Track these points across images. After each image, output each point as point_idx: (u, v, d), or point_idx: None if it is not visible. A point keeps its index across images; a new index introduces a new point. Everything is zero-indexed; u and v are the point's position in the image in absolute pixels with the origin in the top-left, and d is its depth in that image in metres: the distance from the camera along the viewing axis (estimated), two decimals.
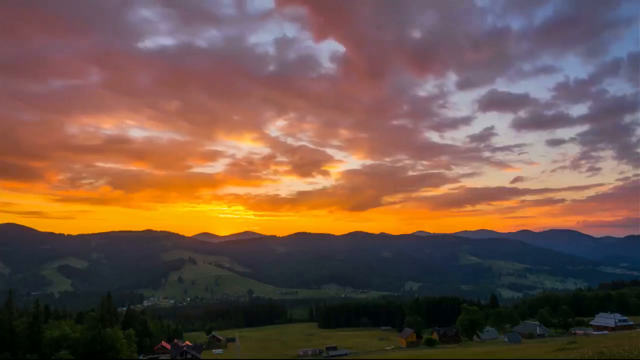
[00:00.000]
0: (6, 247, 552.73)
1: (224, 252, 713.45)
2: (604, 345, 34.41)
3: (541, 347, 51.69)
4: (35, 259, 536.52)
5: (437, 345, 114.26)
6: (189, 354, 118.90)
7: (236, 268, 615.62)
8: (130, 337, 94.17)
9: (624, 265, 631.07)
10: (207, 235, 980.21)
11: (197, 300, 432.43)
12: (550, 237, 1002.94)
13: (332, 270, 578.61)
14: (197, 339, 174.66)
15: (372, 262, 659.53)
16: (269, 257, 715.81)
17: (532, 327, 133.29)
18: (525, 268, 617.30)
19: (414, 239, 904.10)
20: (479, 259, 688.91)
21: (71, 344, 78.17)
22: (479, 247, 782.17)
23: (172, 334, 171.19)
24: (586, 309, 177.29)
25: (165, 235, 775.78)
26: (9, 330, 76.96)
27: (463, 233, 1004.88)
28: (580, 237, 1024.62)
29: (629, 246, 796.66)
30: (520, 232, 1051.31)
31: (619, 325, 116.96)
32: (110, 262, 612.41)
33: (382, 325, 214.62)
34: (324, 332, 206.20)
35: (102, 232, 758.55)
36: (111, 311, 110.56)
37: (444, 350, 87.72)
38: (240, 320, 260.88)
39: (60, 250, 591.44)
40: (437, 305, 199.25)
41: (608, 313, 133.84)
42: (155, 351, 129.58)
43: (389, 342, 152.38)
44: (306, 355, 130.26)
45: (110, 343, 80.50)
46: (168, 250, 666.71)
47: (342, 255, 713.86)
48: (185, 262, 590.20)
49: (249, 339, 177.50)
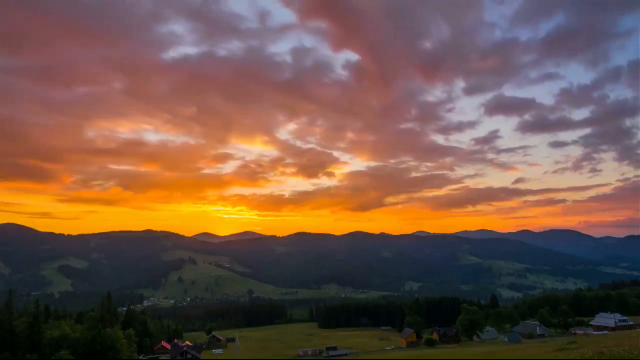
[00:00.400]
0: (6, 247, 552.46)
1: (224, 252, 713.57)
2: (604, 345, 34.41)
3: (541, 347, 51.67)
4: (35, 259, 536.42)
5: (437, 345, 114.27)
6: (189, 354, 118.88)
7: (236, 268, 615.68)
8: (130, 337, 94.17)
9: (624, 265, 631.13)
10: (207, 235, 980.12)
11: (197, 300, 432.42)
12: (550, 237, 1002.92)
13: (332, 270, 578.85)
14: (197, 339, 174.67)
15: (372, 262, 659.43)
16: (269, 257, 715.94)
17: (532, 327, 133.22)
18: (525, 268, 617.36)
19: (414, 239, 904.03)
20: (479, 259, 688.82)
21: (71, 344, 78.13)
22: (479, 247, 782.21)
23: (172, 334, 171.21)
24: (586, 309, 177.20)
25: (165, 235, 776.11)
26: (9, 330, 76.96)
27: (463, 233, 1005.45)
28: (580, 237, 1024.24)
29: (629, 246, 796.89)
30: (520, 232, 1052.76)
31: (619, 325, 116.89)
32: (110, 262, 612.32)
33: (382, 325, 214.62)
34: (324, 332, 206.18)
35: (102, 232, 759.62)
36: (111, 311, 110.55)
37: (444, 350, 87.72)
38: (240, 320, 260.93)
39: (60, 250, 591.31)
40: (437, 305, 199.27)
41: (608, 313, 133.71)
42: (155, 351, 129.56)
43: (389, 342, 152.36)
44: (306, 355, 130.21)
45: (110, 343, 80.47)
46: (168, 250, 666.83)
47: (342, 255, 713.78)
48: (185, 262, 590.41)
49: (249, 339, 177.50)
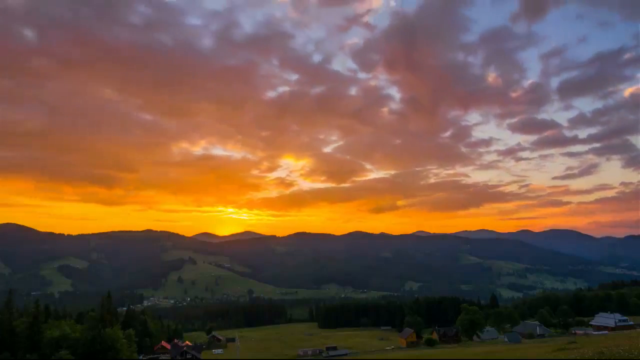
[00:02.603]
0: (6, 247, 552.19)
1: (224, 252, 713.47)
2: (604, 345, 34.42)
3: (541, 347, 51.67)
4: (35, 259, 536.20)
5: (437, 345, 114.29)
6: (189, 354, 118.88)
7: (236, 268, 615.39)
8: (130, 337, 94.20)
9: (624, 265, 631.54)
10: (207, 235, 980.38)
11: (197, 300, 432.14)
12: (550, 237, 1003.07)
13: (332, 270, 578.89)
14: (197, 339, 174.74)
15: (372, 262, 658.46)
16: (269, 257, 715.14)
17: (532, 327, 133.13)
18: (525, 268, 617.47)
19: (414, 239, 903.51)
20: (479, 259, 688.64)
21: (71, 344, 78.09)
22: (479, 247, 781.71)
23: (172, 334, 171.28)
24: (586, 309, 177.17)
25: (165, 235, 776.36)
26: (9, 330, 76.97)
27: (463, 233, 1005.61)
28: (580, 237, 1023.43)
29: (629, 246, 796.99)
30: (520, 232, 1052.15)
31: (619, 325, 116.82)
32: (110, 262, 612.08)
33: (382, 325, 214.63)
34: (324, 332, 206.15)
35: (102, 232, 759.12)
36: (111, 311, 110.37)
37: (444, 350, 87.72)
38: (240, 320, 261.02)
39: (60, 250, 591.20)
40: (437, 305, 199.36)
41: (608, 313, 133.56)
42: (155, 351, 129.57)
43: (389, 342, 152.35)
44: (306, 355, 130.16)
45: (110, 343, 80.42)
46: (168, 250, 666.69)
47: (342, 255, 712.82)
48: (185, 262, 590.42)
49: (249, 339, 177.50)
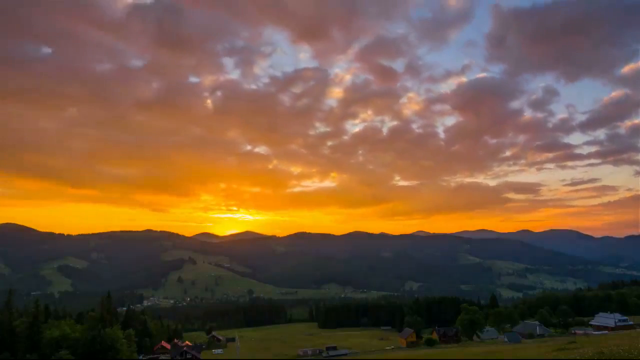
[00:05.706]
0: (6, 247, 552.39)
1: (224, 252, 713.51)
2: (603, 345, 34.44)
3: (541, 347, 51.68)
4: (35, 259, 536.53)
5: (437, 345, 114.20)
6: (188, 354, 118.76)
7: (236, 268, 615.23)
8: (130, 337, 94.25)
9: (624, 265, 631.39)
10: (207, 235, 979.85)
11: (197, 300, 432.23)
12: (550, 237, 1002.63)
13: (332, 270, 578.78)
14: (197, 339, 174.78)
15: (372, 262, 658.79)
16: (269, 257, 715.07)
17: (532, 327, 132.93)
18: (525, 268, 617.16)
19: (414, 239, 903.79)
20: (479, 259, 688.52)
21: (71, 344, 78.08)
22: (479, 247, 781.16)
23: (172, 334, 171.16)
24: (586, 309, 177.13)
25: (165, 235, 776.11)
26: (9, 330, 77.01)
27: (463, 233, 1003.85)
28: (580, 237, 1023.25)
29: (629, 246, 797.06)
30: (520, 232, 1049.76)
31: (619, 325, 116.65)
32: (110, 262, 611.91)
33: (382, 325, 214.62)
34: (324, 332, 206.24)
35: (102, 232, 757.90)
36: (111, 311, 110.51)
37: (444, 350, 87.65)
38: (240, 320, 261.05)
39: (60, 250, 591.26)
40: (437, 305, 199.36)
41: (608, 313, 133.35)
42: (155, 351, 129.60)
43: (389, 342, 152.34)
44: (306, 355, 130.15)
45: (110, 343, 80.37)
46: (168, 250, 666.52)
47: (342, 255, 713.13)
48: (185, 262, 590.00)
49: (249, 339, 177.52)
